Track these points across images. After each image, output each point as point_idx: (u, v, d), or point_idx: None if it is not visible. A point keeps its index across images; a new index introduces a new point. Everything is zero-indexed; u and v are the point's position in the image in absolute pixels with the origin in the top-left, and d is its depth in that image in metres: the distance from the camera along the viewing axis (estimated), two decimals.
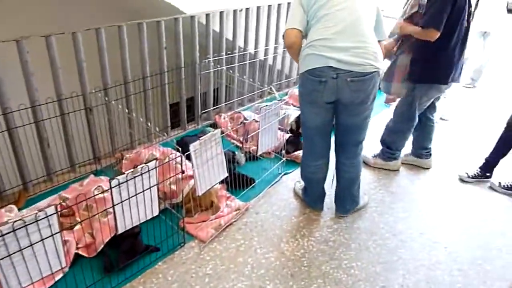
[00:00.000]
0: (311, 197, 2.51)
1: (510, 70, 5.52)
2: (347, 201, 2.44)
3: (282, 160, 2.84)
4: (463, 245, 2.32)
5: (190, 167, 2.15)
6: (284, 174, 2.81)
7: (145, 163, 1.74)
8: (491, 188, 2.87)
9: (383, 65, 2.15)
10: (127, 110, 2.55)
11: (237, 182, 2.55)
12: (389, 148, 2.92)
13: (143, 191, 1.77)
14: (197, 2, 3.17)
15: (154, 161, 1.77)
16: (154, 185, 1.82)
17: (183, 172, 2.01)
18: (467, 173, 2.95)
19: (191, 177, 2.18)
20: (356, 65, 1.93)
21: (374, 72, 1.98)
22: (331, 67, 1.93)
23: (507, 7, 4.37)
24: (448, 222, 2.50)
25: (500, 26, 4.65)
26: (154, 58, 2.91)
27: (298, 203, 2.57)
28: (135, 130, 2.83)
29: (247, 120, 3.15)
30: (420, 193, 2.78)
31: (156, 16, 2.83)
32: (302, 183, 2.54)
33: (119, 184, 1.66)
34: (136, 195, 1.76)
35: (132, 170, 1.69)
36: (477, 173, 2.94)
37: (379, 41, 2.11)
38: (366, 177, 2.84)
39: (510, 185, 2.82)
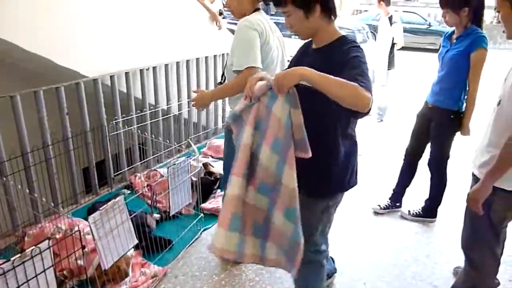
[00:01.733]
0: None
1: (412, 102, 6.09)
2: None
3: (200, 216, 2.78)
4: (381, 278, 2.39)
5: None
6: (204, 230, 2.75)
7: (36, 245, 1.59)
8: (402, 217, 3.04)
9: None
10: (20, 186, 2.37)
11: (153, 246, 2.44)
12: None
13: (36, 276, 1.62)
14: (100, 64, 3.12)
15: (47, 240, 1.64)
16: (50, 267, 1.67)
17: (83, 247, 1.87)
18: (379, 205, 3.11)
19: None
20: None
21: None
22: None
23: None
24: (365, 258, 2.57)
25: (399, 63, 5.35)
26: (57, 124, 2.79)
27: (219, 259, 2.50)
28: (38, 203, 2.63)
29: (164, 177, 3.08)
30: (337, 231, 2.85)
31: (56, 82, 2.74)
32: None
33: (3, 273, 1.49)
34: (27, 281, 1.59)
35: (19, 255, 1.54)
36: (388, 204, 3.10)
37: None
38: None
39: (418, 212, 3.01)
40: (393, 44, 5.27)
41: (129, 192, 3.12)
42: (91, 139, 2.99)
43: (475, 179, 1.78)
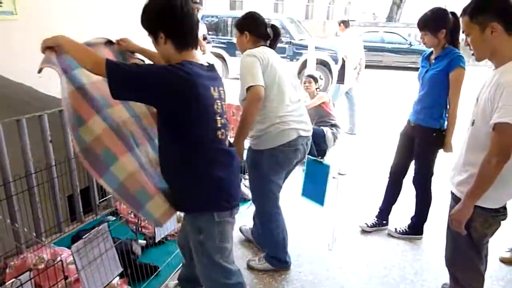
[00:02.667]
0: (287, 254, 2.62)
1: (395, 120, 6.21)
2: None
3: None
4: None
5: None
6: None
7: (16, 277, 1.56)
8: (389, 235, 3.04)
9: None
10: (2, 216, 2.32)
11: (139, 273, 2.39)
12: None
13: None
14: None
15: (28, 272, 1.60)
16: None
17: (66, 277, 1.83)
18: (366, 223, 3.12)
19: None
20: (309, 131, 2.43)
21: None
22: (301, 136, 2.35)
23: None
24: (354, 277, 2.56)
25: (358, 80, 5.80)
26: (40, 152, 2.76)
27: None
28: (21, 233, 2.57)
29: None
30: (325, 250, 2.85)
31: (39, 109, 2.72)
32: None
33: None
34: None
35: None
36: (374, 222, 3.12)
37: None
38: None
39: (405, 229, 3.03)
40: (343, 60, 5.62)
41: (114, 219, 3.08)
42: (75, 166, 2.96)
43: (454, 197, 1.80)
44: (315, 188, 2.77)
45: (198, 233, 1.75)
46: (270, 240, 2.58)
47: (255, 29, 2.39)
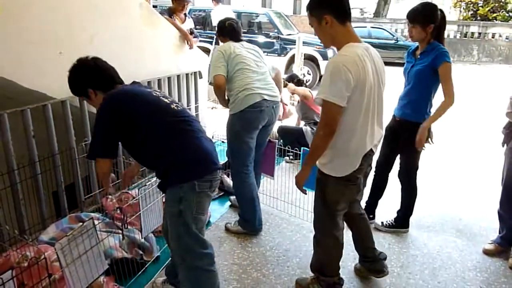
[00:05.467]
0: (256, 218, 2.97)
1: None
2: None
3: None
4: None
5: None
6: None
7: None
8: (375, 228, 3.07)
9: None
10: None
11: (126, 270, 2.37)
12: None
13: None
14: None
15: (10, 271, 1.57)
16: None
17: (50, 275, 1.81)
18: None
19: None
20: (275, 97, 2.90)
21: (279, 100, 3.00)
22: (265, 99, 2.80)
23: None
24: (341, 269, 2.57)
25: None
26: (23, 148, 2.71)
27: None
28: (4, 231, 2.53)
29: (136, 199, 3.01)
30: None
31: (22, 104, 2.67)
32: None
33: None
34: None
35: None
36: None
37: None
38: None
39: (391, 223, 3.06)
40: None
41: (99, 215, 3.04)
42: (59, 162, 2.91)
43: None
44: (312, 177, 2.85)
45: (178, 202, 1.88)
46: (239, 197, 2.99)
47: (220, 32, 3.09)
